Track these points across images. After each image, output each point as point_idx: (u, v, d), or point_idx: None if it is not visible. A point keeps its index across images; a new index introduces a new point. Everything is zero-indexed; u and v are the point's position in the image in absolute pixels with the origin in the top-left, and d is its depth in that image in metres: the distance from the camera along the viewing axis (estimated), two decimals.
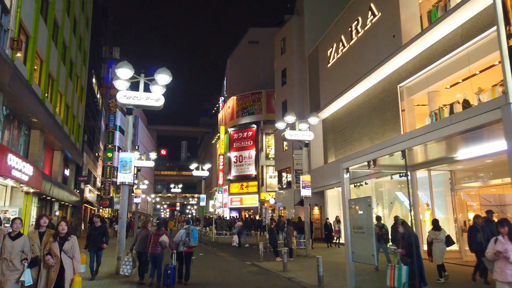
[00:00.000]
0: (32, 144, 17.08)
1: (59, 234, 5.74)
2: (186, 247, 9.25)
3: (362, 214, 6.74)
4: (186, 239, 9.19)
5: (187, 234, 9.27)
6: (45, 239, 5.82)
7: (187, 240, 9.19)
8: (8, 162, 10.23)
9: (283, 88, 31.17)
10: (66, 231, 5.82)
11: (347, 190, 7.58)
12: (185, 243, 9.19)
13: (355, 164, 7.41)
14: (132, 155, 10.40)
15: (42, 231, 6.01)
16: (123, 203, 10.18)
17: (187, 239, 9.20)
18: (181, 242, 9.23)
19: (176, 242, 9.26)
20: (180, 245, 9.22)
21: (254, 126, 41.65)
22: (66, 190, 22.70)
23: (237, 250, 19.10)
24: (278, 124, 16.15)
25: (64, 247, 5.65)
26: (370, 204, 6.59)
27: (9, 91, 12.29)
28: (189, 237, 9.22)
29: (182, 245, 9.20)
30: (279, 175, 31.57)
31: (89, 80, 31.17)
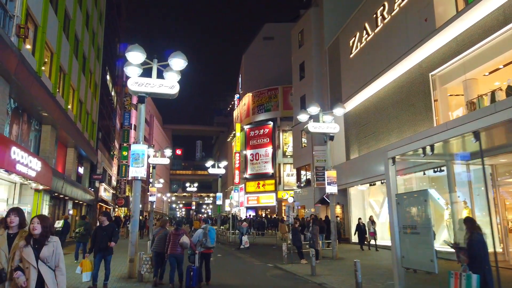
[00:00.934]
0: (43, 140, 16.41)
1: (32, 236, 3.93)
2: (204, 248, 8.68)
3: (416, 211, 5.61)
4: (203, 239, 8.62)
5: (204, 234, 8.69)
6: (15, 243, 4.05)
7: (204, 240, 8.62)
8: (12, 156, 9.44)
9: (301, 83, 30.01)
10: (39, 231, 3.92)
11: (393, 184, 6.45)
12: (202, 243, 8.62)
13: (405, 152, 6.26)
14: (145, 148, 9.49)
15: (12, 233, 4.33)
16: (135, 199, 9.28)
17: (204, 239, 8.62)
18: (198, 242, 8.67)
19: (193, 243, 8.72)
20: (197, 246, 8.67)
21: (271, 123, 40.60)
22: (80, 188, 22.10)
23: (257, 251, 18.09)
24: (300, 116, 15.05)
25: (42, 254, 3.90)
26: (427, 198, 5.45)
27: (16, 82, 11.55)
28: (206, 238, 8.64)
29: (200, 246, 8.65)
30: (298, 173, 30.43)
31: (103, 77, 30.64)
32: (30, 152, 11.23)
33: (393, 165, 6.37)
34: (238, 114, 48.62)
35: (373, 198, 21.36)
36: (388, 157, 6.38)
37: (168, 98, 10.03)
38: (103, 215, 8.18)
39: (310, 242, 12.70)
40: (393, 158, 6.31)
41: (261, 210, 41.12)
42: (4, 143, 9.18)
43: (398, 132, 17.70)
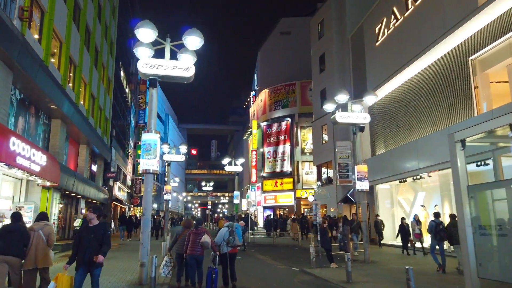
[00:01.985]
0: (53, 135, 15.58)
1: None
2: (231, 246, 8.18)
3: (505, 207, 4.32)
4: (230, 237, 8.12)
5: (230, 232, 8.18)
6: None
7: (232, 238, 8.12)
8: (11, 147, 8.48)
9: (321, 76, 28.65)
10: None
11: (463, 173, 5.16)
12: (229, 242, 8.11)
13: (478, 133, 4.95)
14: (157, 137, 8.39)
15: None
16: (147, 195, 8.19)
17: (231, 237, 8.12)
18: (224, 242, 8.12)
19: (217, 243, 8.11)
20: (222, 245, 8.10)
21: (288, 120, 39.32)
22: (93, 186, 21.30)
23: (278, 253, 16.87)
24: (326, 106, 13.77)
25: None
26: None
27: (20, 69, 10.65)
28: (234, 235, 8.15)
29: (226, 245, 8.11)
30: (318, 170, 29.07)
31: (117, 73, 29.93)
32: (33, 145, 10.29)
33: (462, 150, 5.08)
34: (254, 111, 47.47)
35: (402, 196, 19.88)
36: (455, 140, 5.09)
37: (183, 82, 8.92)
38: (92, 211, 5.88)
39: (340, 244, 11.41)
40: (463, 141, 5.02)
41: (279, 210, 39.86)
42: (0, 132, 8.22)
43: (432, 124, 16.23)
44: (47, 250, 6.56)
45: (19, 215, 6.79)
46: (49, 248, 6.64)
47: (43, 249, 6.44)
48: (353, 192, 23.29)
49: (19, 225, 6.51)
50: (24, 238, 6.32)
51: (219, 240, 8.14)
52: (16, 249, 6.15)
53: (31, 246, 6.36)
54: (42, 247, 6.45)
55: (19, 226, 6.48)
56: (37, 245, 6.40)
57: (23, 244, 6.29)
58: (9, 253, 6.07)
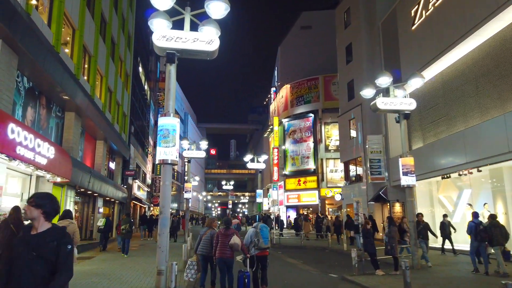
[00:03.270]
0: (67, 129, 14.62)
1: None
2: (258, 249, 7.60)
3: None
4: (255, 239, 7.58)
5: (256, 234, 7.64)
6: None
7: (256, 240, 7.57)
8: (9, 135, 7.37)
9: (348, 67, 26.98)
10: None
11: None
12: (255, 244, 7.58)
13: None
14: (177, 121, 7.10)
15: None
16: (165, 190, 6.90)
17: (256, 239, 7.57)
18: (250, 244, 7.65)
19: (246, 244, 7.68)
20: (250, 247, 7.66)
21: (311, 116, 37.73)
22: (110, 184, 20.37)
23: (308, 256, 15.43)
24: (364, 91, 12.23)
25: None
26: None
27: (26, 53, 9.61)
28: (258, 237, 7.59)
29: (253, 248, 7.61)
30: (346, 167, 27.41)
31: (135, 68, 29.09)
32: (38, 135, 9.21)
33: None
34: (275, 107, 46.06)
35: (443, 194, 18.09)
36: None
37: (205, 58, 7.60)
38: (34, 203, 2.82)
39: (386, 247, 9.89)
40: None
41: (302, 209, 38.33)
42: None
43: (481, 113, 14.45)
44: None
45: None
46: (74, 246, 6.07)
47: None
48: (386, 190, 21.61)
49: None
50: None
51: (247, 241, 7.70)
52: None
53: None
54: None
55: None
56: None
57: None
58: None
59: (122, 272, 9.86)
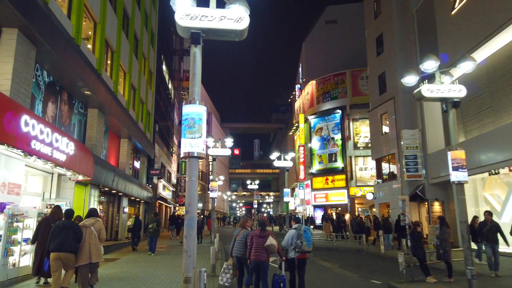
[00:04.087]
0: (90, 126, 14.19)
1: None
2: (299, 252, 7.18)
3: None
4: (297, 241, 7.16)
5: (298, 236, 7.23)
6: None
7: (299, 243, 7.13)
8: (23, 128, 6.79)
9: (378, 59, 25.62)
10: None
11: None
12: (296, 247, 7.15)
13: None
14: (203, 110, 6.31)
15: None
16: (191, 186, 6.10)
17: (299, 241, 7.15)
18: (291, 246, 7.24)
19: (285, 247, 7.32)
20: (289, 250, 7.25)
21: (339, 112, 36.39)
22: (135, 183, 19.96)
23: (343, 259, 14.39)
24: (406, 78, 11.07)
25: None
26: None
27: (44, 44, 9.10)
28: (301, 239, 7.15)
29: (293, 250, 7.18)
30: (378, 165, 26.04)
31: (159, 66, 28.75)
32: (56, 128, 8.66)
33: None
34: (300, 104, 44.93)
35: (489, 191, 16.61)
36: None
37: (233, 39, 6.77)
38: None
39: (439, 251, 8.78)
40: None
41: (330, 209, 37.06)
42: (6, 107, 6.53)
43: None
44: (99, 245, 6.90)
45: (72, 212, 6.97)
46: (100, 244, 6.95)
47: (95, 245, 6.76)
48: (423, 188, 20.21)
49: (72, 222, 6.72)
50: (77, 234, 6.56)
51: (286, 243, 7.29)
52: (71, 245, 6.42)
53: (84, 242, 6.66)
54: (95, 242, 6.77)
55: (72, 223, 6.69)
56: (90, 240, 6.71)
57: (77, 240, 6.55)
58: (63, 250, 6.35)
59: (146, 276, 9.20)
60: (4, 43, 8.25)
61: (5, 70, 8.19)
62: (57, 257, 6.34)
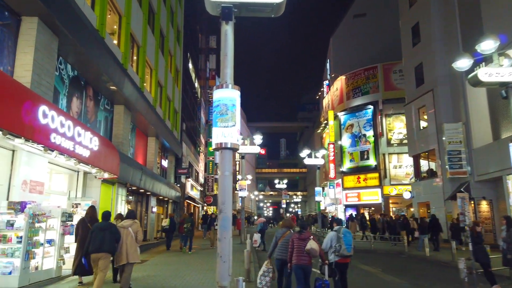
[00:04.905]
0: (116, 123, 13.77)
1: None
2: (339, 256, 6.87)
3: None
4: (336, 245, 6.86)
5: (337, 239, 6.90)
6: None
7: (338, 246, 6.84)
8: (41, 120, 6.24)
9: (415, 50, 24.15)
10: None
11: None
12: (336, 250, 6.86)
13: None
14: (236, 94, 5.52)
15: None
16: (224, 182, 5.33)
17: (338, 245, 6.85)
18: (330, 249, 6.95)
19: (324, 250, 6.98)
20: (329, 254, 6.97)
21: (370, 107, 34.93)
22: (163, 182, 19.54)
23: (384, 262, 13.30)
24: (459, 62, 9.89)
25: None
26: None
27: (66, 34, 8.62)
28: (341, 243, 6.84)
29: (333, 254, 6.91)
30: (416, 162, 24.54)
31: (185, 64, 28.37)
32: (78, 122, 8.13)
33: None
34: (329, 101, 43.61)
35: None
36: None
37: (268, 14, 5.95)
38: None
39: (506, 256, 7.64)
40: None
41: (363, 208, 35.63)
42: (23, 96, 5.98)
43: None
44: (136, 246, 7.01)
45: (109, 214, 7.17)
46: (137, 245, 7.07)
47: (132, 246, 6.89)
48: (468, 186, 18.71)
49: (110, 223, 6.94)
50: (115, 235, 6.74)
51: (326, 246, 6.97)
52: (109, 246, 6.60)
53: (122, 243, 6.81)
54: (132, 243, 6.91)
55: (110, 224, 6.91)
56: (127, 241, 6.85)
57: (115, 241, 6.72)
58: (102, 250, 6.53)
59: (175, 282, 8.53)
60: (24, 32, 7.80)
61: (26, 61, 7.73)
62: (96, 258, 6.56)
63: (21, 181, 7.29)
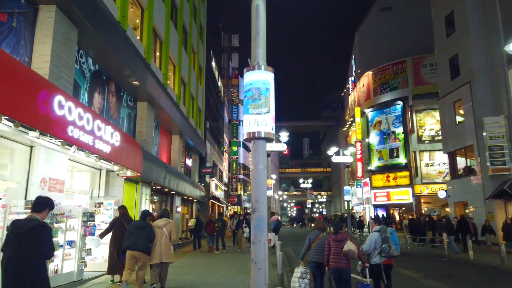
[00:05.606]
0: (139, 120, 13.36)
1: None
2: (386, 257, 6.46)
3: None
4: (384, 245, 6.44)
5: (384, 239, 6.48)
6: None
7: (386, 247, 6.41)
8: (57, 111, 5.76)
9: (449, 41, 22.79)
10: None
11: None
12: (383, 251, 6.44)
13: None
14: (270, 77, 4.84)
15: None
16: (258, 178, 4.64)
17: (386, 245, 6.42)
18: (375, 251, 6.51)
19: (366, 252, 6.59)
20: (373, 255, 6.52)
21: (400, 103, 33.55)
22: (188, 182, 19.12)
23: (426, 266, 12.32)
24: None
25: None
26: None
27: (86, 25, 8.19)
28: (389, 243, 6.43)
29: (378, 255, 6.49)
30: (451, 159, 23.14)
31: (208, 63, 27.96)
32: (97, 115, 7.65)
33: None
34: (355, 98, 42.35)
35: None
36: None
37: None
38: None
39: None
40: None
41: (392, 209, 34.26)
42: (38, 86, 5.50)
43: None
44: (170, 246, 7.06)
45: (147, 213, 7.30)
46: (171, 244, 7.10)
47: (166, 245, 6.94)
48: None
49: (146, 222, 6.97)
50: (150, 234, 6.81)
51: (369, 248, 6.54)
52: (143, 244, 6.68)
53: (156, 243, 6.88)
54: (166, 243, 6.95)
55: (146, 223, 6.94)
56: (161, 241, 6.91)
57: (149, 240, 6.79)
58: (135, 248, 6.63)
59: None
60: (42, 22, 7.39)
61: (43, 51, 7.32)
62: (132, 255, 6.67)
63: (40, 179, 6.87)
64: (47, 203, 4.02)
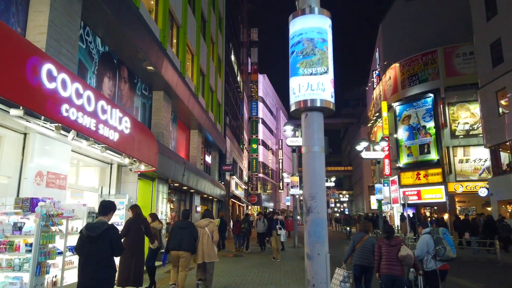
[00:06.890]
0: (155, 111, 12.19)
1: None
2: (442, 260, 5.60)
3: None
4: (438, 248, 5.57)
5: (436, 241, 5.64)
6: None
7: (441, 249, 5.55)
8: (47, 83, 4.53)
9: (489, 25, 20.85)
10: None
11: None
12: (438, 254, 5.58)
13: None
14: (327, 24, 3.50)
15: None
16: (313, 164, 3.34)
17: (440, 247, 5.55)
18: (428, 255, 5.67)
19: (419, 257, 5.76)
20: (427, 261, 5.67)
21: (430, 96, 31.48)
22: (207, 179, 17.91)
23: (483, 274, 10.70)
24: None
25: None
26: None
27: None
28: (443, 244, 5.56)
29: (432, 260, 5.63)
30: (494, 154, 21.17)
31: (227, 55, 26.72)
32: (101, 95, 6.42)
33: None
34: (381, 92, 40.35)
35: None
36: None
37: None
38: None
39: None
40: None
41: (423, 208, 32.24)
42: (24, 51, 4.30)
43: None
44: (212, 246, 7.11)
45: (189, 213, 7.39)
46: (213, 244, 7.14)
47: (209, 245, 7.02)
48: None
49: (189, 222, 7.09)
50: (194, 234, 6.89)
51: (421, 252, 5.84)
52: (188, 244, 6.76)
53: (199, 243, 6.97)
54: (209, 243, 7.04)
55: (189, 223, 7.05)
56: (204, 241, 7.00)
57: (193, 240, 6.86)
58: (181, 248, 6.72)
59: None
60: None
61: (40, 22, 6.16)
62: (176, 255, 6.75)
63: (35, 173, 5.71)
64: (111, 207, 4.43)
